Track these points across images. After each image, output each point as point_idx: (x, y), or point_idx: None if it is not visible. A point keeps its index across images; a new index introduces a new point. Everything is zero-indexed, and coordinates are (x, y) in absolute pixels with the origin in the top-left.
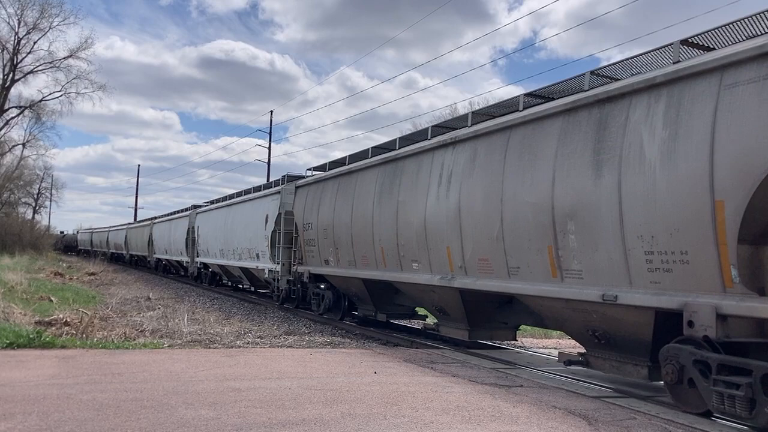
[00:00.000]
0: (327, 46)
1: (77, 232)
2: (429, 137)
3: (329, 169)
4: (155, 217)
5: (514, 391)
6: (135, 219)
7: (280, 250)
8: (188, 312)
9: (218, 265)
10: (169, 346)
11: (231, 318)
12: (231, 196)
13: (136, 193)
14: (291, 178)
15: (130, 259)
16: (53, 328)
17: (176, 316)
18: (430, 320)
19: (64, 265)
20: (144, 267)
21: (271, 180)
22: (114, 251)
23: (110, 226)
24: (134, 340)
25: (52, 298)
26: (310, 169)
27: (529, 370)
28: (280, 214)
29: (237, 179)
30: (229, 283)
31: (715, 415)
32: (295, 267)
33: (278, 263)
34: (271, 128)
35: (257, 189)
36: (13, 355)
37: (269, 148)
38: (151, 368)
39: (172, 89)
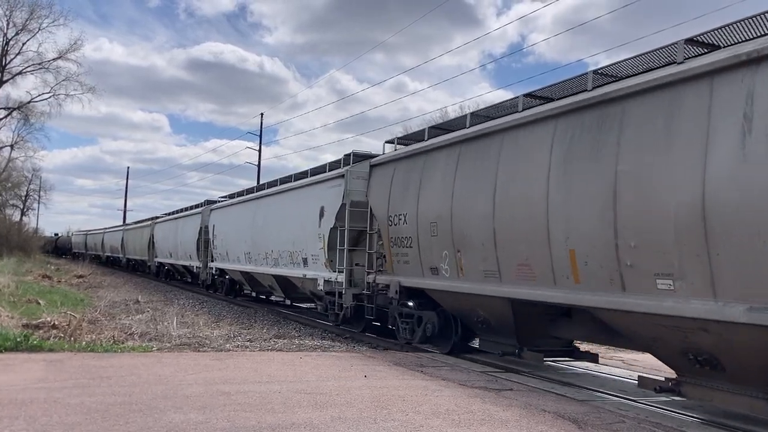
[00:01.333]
0: (316, 49)
1: (71, 234)
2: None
3: (431, 137)
4: (157, 217)
5: (504, 394)
6: (124, 221)
7: (344, 254)
8: (177, 315)
9: (242, 272)
10: (158, 349)
11: (221, 321)
12: (260, 187)
13: (125, 195)
14: (360, 158)
15: (127, 264)
16: (41, 331)
17: (165, 319)
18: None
19: (52, 267)
20: (143, 272)
21: (323, 164)
22: (110, 254)
23: (105, 228)
24: (123, 343)
25: (40, 301)
26: (391, 142)
27: (520, 375)
28: (344, 204)
29: (227, 182)
30: (253, 294)
31: None
32: (370, 276)
33: (340, 271)
34: (261, 130)
35: (301, 175)
36: None
37: (259, 151)
38: (139, 372)
39: (161, 91)
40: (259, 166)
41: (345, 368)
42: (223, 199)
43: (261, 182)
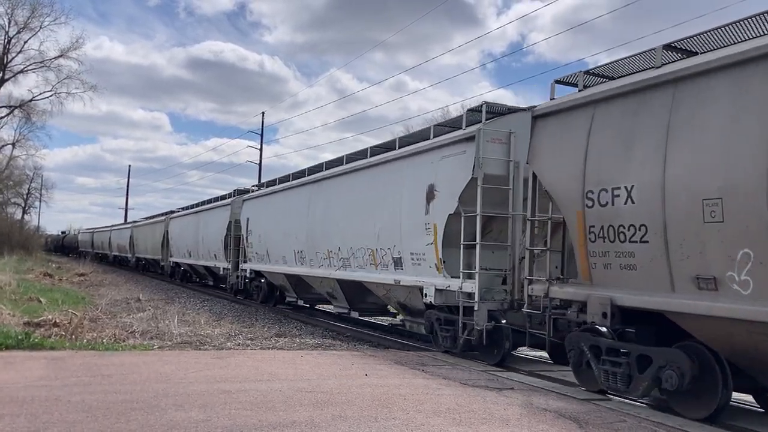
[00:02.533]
0: (316, 48)
1: (78, 233)
2: None
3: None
4: (172, 211)
5: (505, 393)
6: (125, 219)
7: (476, 253)
8: (178, 313)
9: (288, 275)
10: (159, 347)
11: (221, 320)
12: (316, 168)
13: (127, 194)
14: (494, 114)
15: (136, 263)
16: (42, 330)
17: (166, 317)
18: None
19: (54, 266)
20: (155, 273)
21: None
22: (118, 253)
23: (113, 225)
24: (124, 341)
25: (41, 299)
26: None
27: (521, 374)
28: (473, 179)
29: (227, 180)
30: (300, 302)
31: None
32: (538, 287)
33: (468, 276)
34: (263, 129)
35: (385, 147)
36: (1, 357)
37: (260, 149)
38: (140, 370)
39: (162, 90)
40: (260, 164)
41: (346, 367)
42: (256, 188)
43: (313, 165)
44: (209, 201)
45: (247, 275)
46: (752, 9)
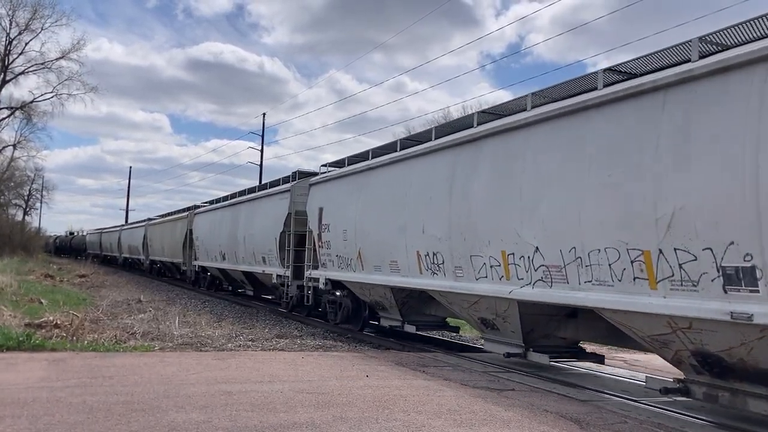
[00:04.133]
0: (315, 49)
1: (86, 234)
2: None
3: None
4: (196, 206)
5: (505, 394)
6: (126, 221)
7: None
8: (179, 315)
9: (403, 289)
10: (160, 348)
11: (222, 321)
12: (460, 122)
13: (128, 195)
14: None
15: (150, 267)
16: (43, 331)
17: (167, 318)
18: None
19: (55, 267)
20: (172, 278)
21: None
22: (128, 256)
23: (122, 225)
24: (125, 342)
25: (42, 300)
26: (324, 165)
27: (521, 375)
28: None
29: (228, 181)
30: (414, 330)
31: None
32: None
33: None
34: (264, 130)
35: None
36: (2, 358)
37: (261, 150)
38: (141, 371)
39: (162, 91)
40: (261, 165)
41: (347, 368)
42: (328, 169)
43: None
44: (254, 189)
45: (320, 286)
46: (752, 11)
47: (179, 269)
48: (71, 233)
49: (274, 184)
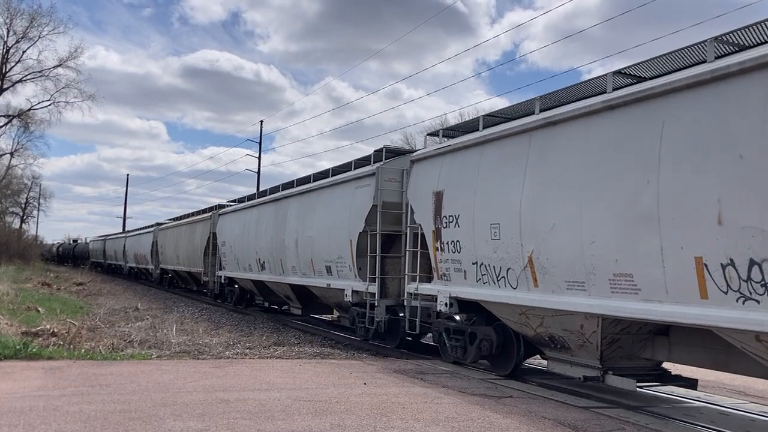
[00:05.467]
0: (310, 56)
1: (89, 241)
2: None
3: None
4: (219, 205)
5: (503, 401)
6: (124, 229)
7: None
8: (177, 323)
9: (622, 318)
10: (157, 356)
11: (220, 329)
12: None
13: (125, 202)
14: None
15: (160, 278)
16: (40, 339)
17: (165, 326)
18: None
19: (52, 275)
20: (187, 289)
21: None
22: (134, 265)
23: (128, 232)
24: (122, 350)
25: (39, 309)
26: None
27: (518, 382)
28: None
29: (225, 189)
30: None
31: None
32: None
33: None
34: (261, 138)
35: None
36: None
37: (259, 158)
38: (139, 379)
39: (158, 99)
40: (258, 173)
41: (344, 375)
42: (448, 137)
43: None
44: (308, 179)
45: (441, 307)
46: (753, 16)
47: (198, 280)
48: (74, 241)
49: (341, 170)
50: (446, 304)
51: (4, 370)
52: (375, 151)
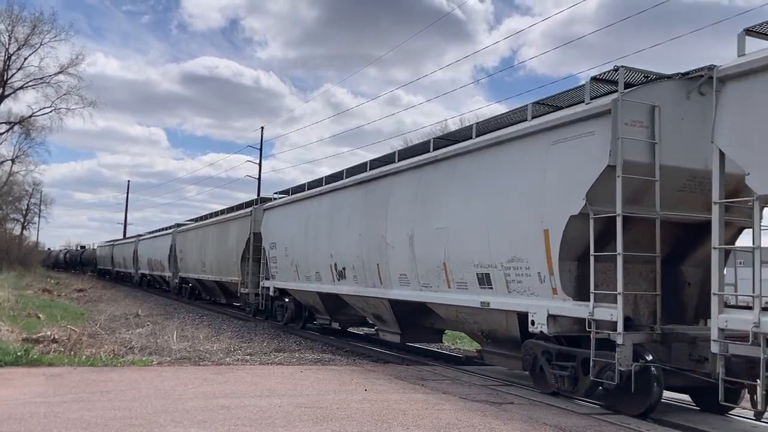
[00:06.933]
0: (308, 63)
1: (96, 247)
2: None
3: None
4: (262, 198)
5: (505, 408)
6: (124, 235)
7: None
8: (177, 329)
9: None
10: (158, 363)
11: (220, 335)
12: None
13: (126, 209)
14: None
15: (179, 288)
16: (41, 345)
17: (165, 333)
18: None
19: (53, 281)
20: (212, 302)
21: None
22: (147, 272)
23: (139, 235)
24: (123, 357)
25: (40, 315)
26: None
27: (520, 388)
28: None
29: (226, 195)
30: None
31: None
32: None
33: None
34: (261, 144)
35: None
36: None
37: (260, 164)
38: (139, 386)
39: (158, 105)
40: (259, 179)
41: (345, 382)
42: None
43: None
44: (426, 146)
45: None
46: (751, 21)
47: (230, 292)
48: (82, 247)
49: (508, 120)
50: None
51: (5, 377)
52: (591, 78)
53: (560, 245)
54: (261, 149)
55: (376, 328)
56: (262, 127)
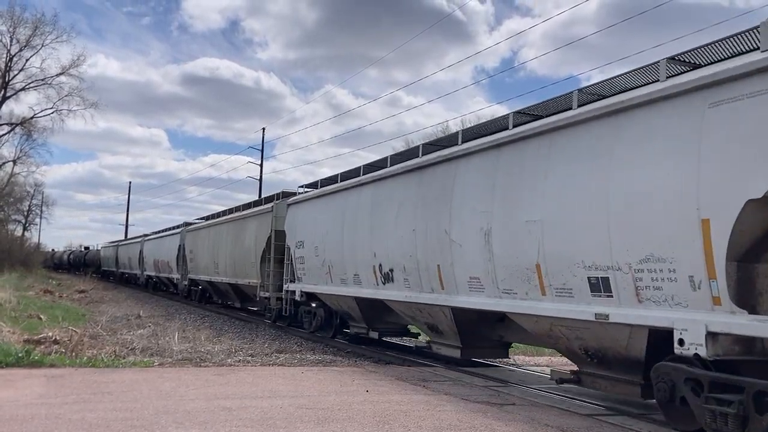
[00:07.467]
0: (309, 64)
1: (100, 248)
2: None
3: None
4: (284, 193)
5: (506, 409)
6: (126, 236)
7: None
8: (179, 330)
9: None
10: (159, 364)
11: (222, 336)
12: None
13: (127, 210)
14: None
15: (188, 290)
16: (42, 347)
17: (167, 334)
18: None
19: (54, 282)
20: (226, 306)
21: None
22: (153, 274)
23: (144, 236)
24: (124, 358)
25: (42, 316)
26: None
27: (522, 388)
28: None
29: (227, 196)
30: None
31: None
32: None
33: None
34: (263, 145)
35: None
36: (0, 374)
37: (261, 165)
38: (140, 387)
39: (159, 106)
40: (260, 180)
41: (347, 383)
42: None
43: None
44: (505, 121)
45: None
46: (753, 22)
47: (246, 295)
48: (86, 248)
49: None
50: None
51: (6, 378)
52: None
53: (729, 240)
54: (262, 150)
55: (428, 340)
56: (264, 129)
